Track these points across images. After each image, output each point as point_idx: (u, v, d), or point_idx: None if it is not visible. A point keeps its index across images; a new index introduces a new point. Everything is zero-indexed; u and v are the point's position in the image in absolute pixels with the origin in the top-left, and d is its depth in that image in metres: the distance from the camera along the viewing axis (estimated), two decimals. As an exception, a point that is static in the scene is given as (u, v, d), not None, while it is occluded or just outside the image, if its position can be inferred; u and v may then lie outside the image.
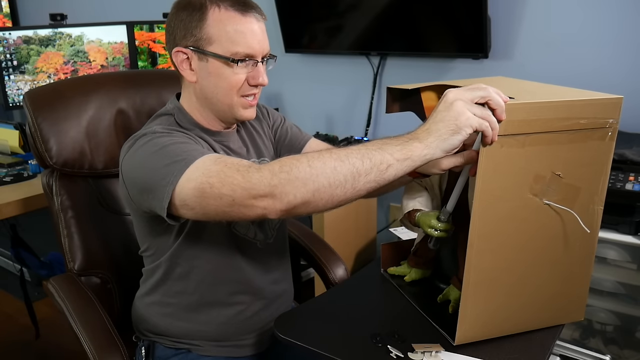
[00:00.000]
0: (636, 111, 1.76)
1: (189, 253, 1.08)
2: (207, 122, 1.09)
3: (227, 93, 1.03)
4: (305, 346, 0.90)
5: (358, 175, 0.79)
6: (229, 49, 0.99)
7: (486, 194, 0.82)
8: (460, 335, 0.90)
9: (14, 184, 1.77)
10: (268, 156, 1.21)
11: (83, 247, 1.29)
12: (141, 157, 0.96)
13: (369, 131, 2.52)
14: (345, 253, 2.25)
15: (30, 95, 1.28)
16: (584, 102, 0.83)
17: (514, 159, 0.82)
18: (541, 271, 0.91)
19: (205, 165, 0.87)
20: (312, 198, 0.80)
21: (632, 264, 1.62)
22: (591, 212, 0.90)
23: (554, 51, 1.99)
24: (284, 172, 0.80)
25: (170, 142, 0.95)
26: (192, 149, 0.93)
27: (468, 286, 0.87)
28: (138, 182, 0.97)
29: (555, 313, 0.96)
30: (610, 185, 1.53)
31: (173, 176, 0.88)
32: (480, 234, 0.84)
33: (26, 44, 2.28)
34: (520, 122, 0.80)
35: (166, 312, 1.14)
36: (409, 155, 0.79)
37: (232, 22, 0.99)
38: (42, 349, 2.22)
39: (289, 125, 1.27)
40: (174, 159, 0.90)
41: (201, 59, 1.01)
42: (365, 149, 0.81)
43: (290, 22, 2.55)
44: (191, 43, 1.01)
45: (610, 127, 0.85)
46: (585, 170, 0.87)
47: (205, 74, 1.02)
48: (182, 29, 1.01)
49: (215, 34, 0.99)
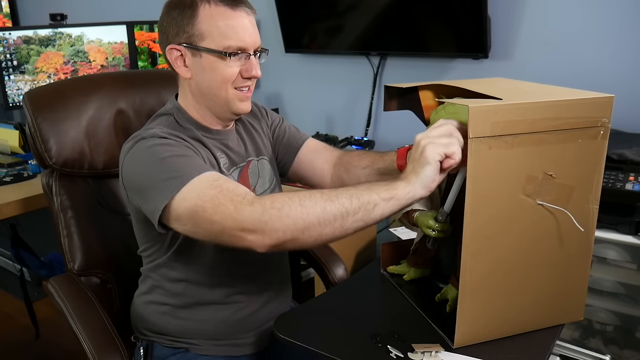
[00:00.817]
0: (636, 111, 1.76)
1: (187, 255, 1.09)
2: (204, 119, 1.10)
3: (221, 86, 1.04)
4: (304, 346, 0.90)
5: (347, 214, 0.83)
6: (221, 43, 1.01)
7: (477, 196, 0.83)
8: (459, 338, 0.90)
9: (14, 184, 1.77)
10: (266, 155, 1.21)
11: (83, 247, 1.29)
12: (140, 164, 0.98)
13: (369, 131, 2.52)
14: (345, 253, 2.24)
15: (30, 95, 1.28)
16: (573, 102, 0.83)
17: (504, 160, 0.82)
18: (538, 271, 0.91)
19: (201, 187, 0.89)
20: (301, 235, 0.83)
21: (632, 264, 1.62)
22: (586, 211, 0.90)
23: (553, 51, 1.99)
24: (275, 209, 0.83)
25: (170, 153, 0.96)
26: (190, 165, 0.94)
27: (465, 288, 0.87)
28: (135, 187, 0.99)
29: (554, 313, 0.96)
30: (610, 185, 1.53)
31: (169, 192, 0.91)
32: (473, 235, 0.84)
33: (26, 44, 2.28)
34: (506, 123, 0.80)
35: (164, 311, 1.14)
36: (393, 195, 0.83)
37: (223, 17, 1.01)
38: (42, 349, 2.22)
39: (287, 125, 1.28)
40: (171, 174, 0.92)
41: (194, 55, 1.03)
42: (355, 189, 0.85)
43: (290, 22, 2.55)
44: (184, 40, 1.03)
45: (601, 126, 0.85)
46: (578, 170, 0.87)
47: (200, 70, 1.04)
48: (174, 27, 1.03)
49: (207, 29, 1.01)
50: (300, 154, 1.25)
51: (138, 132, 1.05)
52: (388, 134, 2.51)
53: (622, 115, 1.91)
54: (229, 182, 0.91)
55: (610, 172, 1.55)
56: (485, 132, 0.80)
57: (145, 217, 1.02)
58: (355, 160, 1.19)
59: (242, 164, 1.14)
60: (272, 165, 1.22)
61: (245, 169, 1.14)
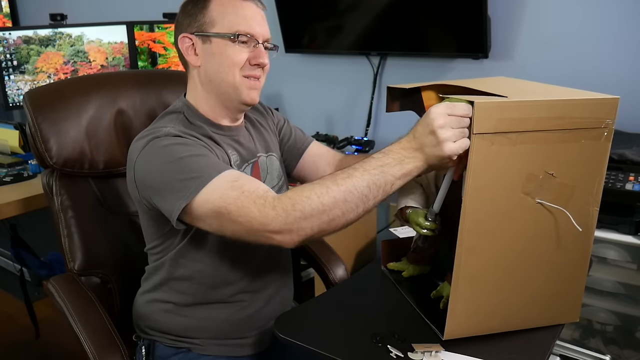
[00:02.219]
0: (636, 111, 1.76)
1: (193, 254, 1.09)
2: (215, 114, 1.11)
3: (229, 71, 1.06)
4: (305, 346, 0.90)
5: (367, 199, 0.87)
6: (231, 27, 1.05)
7: (476, 191, 0.83)
8: (449, 330, 0.90)
9: (14, 184, 1.77)
10: (275, 151, 1.22)
11: (83, 247, 1.29)
12: (156, 163, 0.98)
13: (369, 131, 2.52)
14: (345, 253, 2.24)
15: (30, 95, 1.28)
16: (578, 102, 0.83)
17: (505, 156, 0.82)
18: (534, 270, 0.91)
19: (222, 189, 0.91)
20: (328, 227, 0.87)
21: (632, 264, 1.63)
22: (586, 212, 0.90)
23: (553, 51, 1.99)
24: (297, 211, 0.86)
25: (188, 153, 0.97)
26: (208, 165, 0.95)
27: (457, 282, 0.87)
28: (150, 187, 1.00)
29: (549, 313, 0.96)
30: (610, 185, 1.53)
31: (189, 192, 0.92)
32: (469, 231, 0.85)
33: (26, 44, 2.28)
34: (511, 120, 0.80)
35: (167, 309, 1.14)
36: (406, 171, 0.87)
37: (233, 5, 1.07)
38: (42, 349, 2.22)
39: (293, 127, 1.31)
40: (190, 175, 0.93)
41: (205, 41, 1.07)
42: (369, 175, 0.87)
43: (290, 22, 2.55)
44: (195, 29, 1.08)
45: (606, 127, 0.85)
46: (579, 170, 0.87)
47: (209, 56, 1.07)
48: (187, 18, 1.09)
49: (218, 16, 1.06)
50: (305, 156, 1.29)
51: (149, 131, 1.04)
52: (388, 134, 2.51)
53: (622, 115, 1.91)
54: (249, 182, 0.93)
55: (610, 172, 1.56)
56: (489, 129, 0.79)
57: (158, 214, 1.02)
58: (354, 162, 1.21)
59: (252, 160, 1.15)
60: (280, 162, 1.24)
61: (257, 165, 1.15)
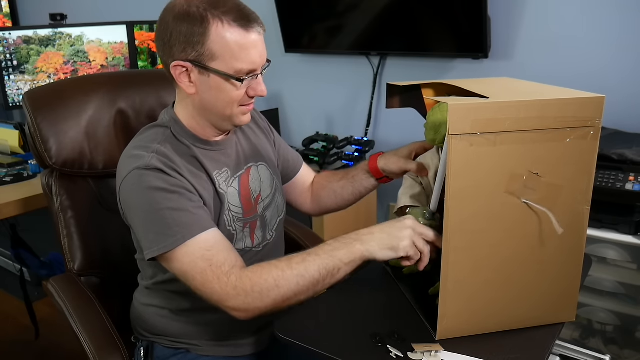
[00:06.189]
0: (636, 111, 1.76)
1: None
2: (203, 130, 1.08)
3: (227, 106, 1.03)
4: (305, 346, 0.90)
5: (317, 283, 0.94)
6: (233, 66, 0.98)
7: (457, 192, 0.83)
8: (442, 330, 0.90)
9: (14, 184, 1.77)
10: (266, 159, 1.20)
11: (83, 247, 1.29)
12: (136, 205, 0.99)
13: (369, 131, 2.52)
14: (345, 253, 2.24)
15: (30, 95, 1.28)
16: (560, 102, 0.83)
17: (485, 157, 0.82)
18: (524, 270, 0.91)
19: (193, 256, 0.95)
20: (281, 305, 0.95)
21: (632, 264, 1.63)
22: (576, 211, 0.89)
23: (553, 51, 1.99)
24: (255, 292, 0.93)
25: (167, 205, 0.96)
26: (186, 223, 0.96)
27: (446, 281, 0.88)
28: (130, 219, 1.03)
29: (543, 312, 0.96)
30: (610, 185, 1.54)
31: (162, 246, 0.96)
32: (454, 231, 0.85)
33: (26, 44, 2.28)
34: (488, 120, 0.80)
35: (163, 314, 1.14)
36: (353, 259, 0.95)
37: (235, 38, 0.97)
38: (42, 349, 2.22)
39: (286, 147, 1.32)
40: (165, 232, 0.96)
41: (202, 73, 0.99)
42: (320, 259, 0.94)
43: (290, 22, 2.55)
44: (192, 57, 0.98)
45: (592, 126, 0.85)
46: (567, 170, 0.87)
47: (206, 88, 1.01)
48: (182, 42, 0.98)
49: (219, 50, 0.97)
50: (295, 180, 1.33)
51: (133, 151, 1.02)
52: (388, 134, 2.51)
53: (622, 115, 1.92)
54: (220, 253, 0.96)
55: (610, 172, 1.56)
56: (465, 130, 0.80)
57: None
58: (330, 177, 1.32)
59: (240, 172, 1.13)
60: (273, 169, 1.21)
61: (246, 177, 1.13)
